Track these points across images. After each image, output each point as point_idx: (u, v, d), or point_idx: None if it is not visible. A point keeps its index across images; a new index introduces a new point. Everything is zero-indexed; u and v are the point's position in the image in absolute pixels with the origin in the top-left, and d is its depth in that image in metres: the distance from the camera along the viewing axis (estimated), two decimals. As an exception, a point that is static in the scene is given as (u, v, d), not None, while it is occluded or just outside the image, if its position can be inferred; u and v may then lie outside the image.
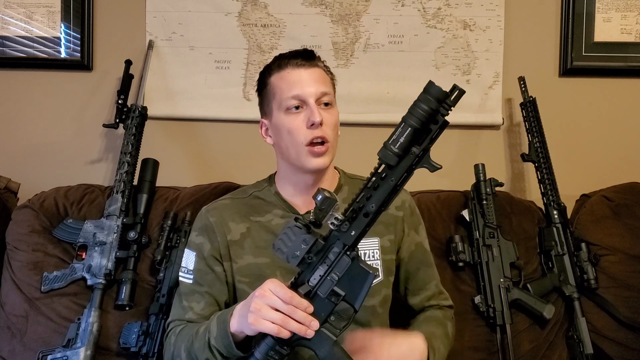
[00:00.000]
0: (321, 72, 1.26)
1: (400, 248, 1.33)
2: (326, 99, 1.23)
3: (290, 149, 1.23)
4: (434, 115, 0.95)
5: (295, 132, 1.21)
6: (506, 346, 1.54)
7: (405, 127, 0.95)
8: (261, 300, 1.01)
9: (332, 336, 1.04)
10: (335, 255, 1.02)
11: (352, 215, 1.01)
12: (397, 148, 0.95)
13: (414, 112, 0.95)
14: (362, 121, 1.89)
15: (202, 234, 1.31)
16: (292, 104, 1.22)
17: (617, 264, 1.62)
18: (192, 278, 1.29)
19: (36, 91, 1.92)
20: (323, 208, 1.00)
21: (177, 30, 1.90)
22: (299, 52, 1.26)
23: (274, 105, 1.25)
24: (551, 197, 1.69)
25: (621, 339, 1.59)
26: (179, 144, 1.92)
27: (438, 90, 0.94)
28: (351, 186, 1.34)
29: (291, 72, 1.23)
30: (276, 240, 1.03)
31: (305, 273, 1.04)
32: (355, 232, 1.01)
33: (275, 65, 1.26)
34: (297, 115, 1.22)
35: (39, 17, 1.90)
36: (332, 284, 1.02)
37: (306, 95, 1.21)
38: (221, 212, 1.32)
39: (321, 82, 1.24)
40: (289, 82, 1.23)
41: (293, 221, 1.03)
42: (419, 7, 1.89)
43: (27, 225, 1.60)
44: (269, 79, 1.27)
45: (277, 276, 1.24)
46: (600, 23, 1.90)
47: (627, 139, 1.92)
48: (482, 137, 1.93)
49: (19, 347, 1.51)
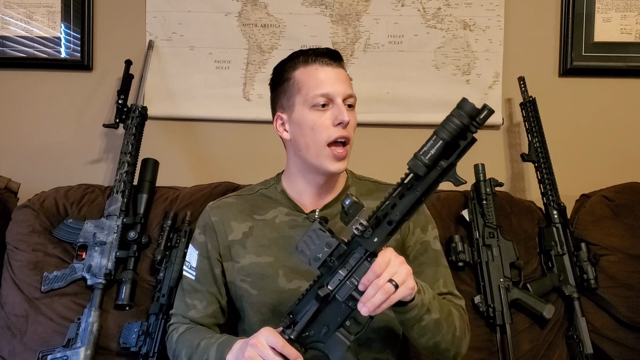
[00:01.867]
0: (346, 74, 1.26)
1: (405, 247, 1.31)
2: (351, 100, 1.24)
3: (310, 146, 1.22)
4: (464, 131, 0.97)
5: (319, 129, 1.20)
6: (506, 346, 1.54)
7: (437, 140, 0.96)
8: (254, 350, 1.04)
9: (347, 341, 1.05)
10: (356, 260, 1.03)
11: (376, 222, 1.02)
12: (428, 159, 0.96)
13: (446, 126, 0.96)
14: (362, 121, 1.85)
15: (204, 232, 1.33)
16: (319, 101, 1.21)
17: (617, 263, 1.61)
18: (194, 275, 1.32)
19: (36, 91, 1.92)
20: (350, 212, 1.01)
21: (177, 30, 1.90)
22: (325, 51, 1.25)
23: (298, 100, 1.23)
24: (551, 197, 1.69)
25: (621, 339, 1.59)
26: (179, 144, 1.92)
27: (472, 107, 0.96)
28: (359, 187, 1.34)
29: (319, 69, 1.23)
30: (299, 242, 1.04)
31: (325, 276, 1.05)
32: (377, 239, 1.02)
33: (300, 60, 1.25)
34: (324, 112, 1.21)
35: (39, 17, 1.90)
36: (350, 289, 1.03)
37: (335, 94, 1.21)
38: (224, 211, 1.32)
39: (347, 83, 1.25)
40: (317, 79, 1.22)
41: (317, 224, 1.04)
42: (419, 7, 1.89)
43: (27, 225, 1.60)
44: (292, 73, 1.25)
45: (279, 275, 1.24)
46: (600, 23, 1.90)
47: (627, 139, 1.92)
48: (482, 137, 1.89)
49: (19, 347, 1.51)
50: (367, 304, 1.00)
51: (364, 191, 1.32)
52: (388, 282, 0.99)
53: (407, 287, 1.02)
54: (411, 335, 1.15)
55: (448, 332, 1.17)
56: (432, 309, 1.12)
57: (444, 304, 1.19)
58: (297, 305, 1.08)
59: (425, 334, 1.13)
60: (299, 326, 1.06)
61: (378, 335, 1.26)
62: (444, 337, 1.16)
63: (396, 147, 1.87)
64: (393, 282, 0.99)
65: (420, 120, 1.87)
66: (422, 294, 1.10)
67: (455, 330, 1.19)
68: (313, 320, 1.06)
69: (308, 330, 1.06)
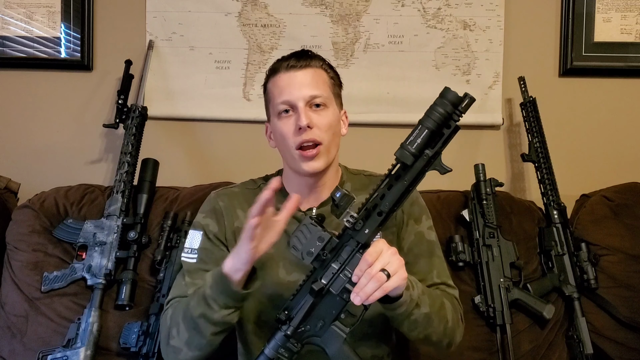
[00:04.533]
0: (315, 73, 1.24)
1: (401, 239, 1.31)
2: (318, 100, 1.22)
3: (285, 153, 1.25)
4: (448, 119, 1.00)
5: (287, 136, 1.22)
6: (506, 346, 1.54)
7: (422, 129, 1.00)
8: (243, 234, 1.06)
9: (342, 334, 1.06)
10: (348, 252, 1.04)
11: (366, 214, 1.04)
12: (415, 148, 1.00)
13: (431, 115, 1.00)
14: (362, 121, 1.89)
15: (210, 216, 1.31)
16: (282, 108, 1.22)
17: (617, 264, 1.62)
18: (196, 257, 1.28)
19: (36, 91, 1.92)
20: (341, 205, 1.03)
21: (177, 30, 1.90)
22: (293, 53, 1.26)
23: (271, 111, 1.27)
24: (551, 197, 1.69)
25: (621, 339, 1.59)
26: (179, 144, 1.92)
27: (454, 95, 0.99)
28: (354, 182, 1.34)
29: (282, 76, 1.23)
30: (291, 237, 1.05)
31: (318, 270, 1.06)
32: (368, 230, 1.03)
33: (270, 71, 1.27)
34: (288, 119, 1.22)
35: (39, 17, 1.90)
36: (344, 282, 1.04)
37: (294, 99, 1.21)
38: (230, 199, 1.33)
39: (313, 84, 1.22)
40: (279, 87, 1.23)
41: (308, 219, 1.05)
42: (419, 7, 1.89)
43: (27, 225, 1.60)
44: (267, 84, 1.28)
45: (279, 267, 1.25)
46: (600, 23, 1.90)
47: (627, 139, 1.92)
48: (482, 137, 1.93)
49: (19, 347, 1.51)
50: (360, 293, 1.01)
51: (359, 186, 1.33)
52: (380, 272, 1.00)
53: (399, 276, 1.03)
54: (402, 330, 1.16)
55: (439, 325, 1.17)
56: (422, 304, 1.12)
57: (435, 297, 1.19)
58: (291, 301, 1.09)
59: (415, 328, 1.14)
60: (295, 321, 1.07)
61: (375, 330, 1.26)
62: (435, 329, 1.17)
63: (396, 147, 1.86)
64: (385, 272, 1.00)
65: (420, 120, 1.87)
66: (411, 289, 1.10)
67: (447, 322, 1.19)
68: (308, 314, 1.07)
69: (304, 325, 1.07)
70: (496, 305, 1.56)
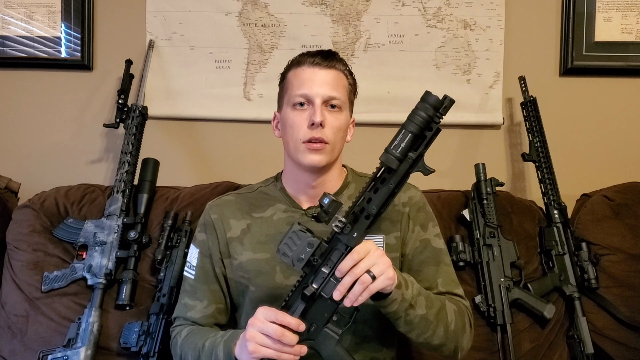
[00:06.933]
0: (337, 75, 1.26)
1: (405, 245, 1.30)
2: (335, 102, 1.24)
3: (290, 143, 1.25)
4: (430, 122, 1.03)
5: (296, 128, 1.23)
6: (507, 346, 1.54)
7: (405, 134, 1.03)
8: (253, 328, 1.05)
9: (335, 335, 1.07)
10: (337, 256, 1.05)
11: (354, 218, 1.06)
12: (399, 153, 1.03)
13: (413, 119, 1.03)
14: (363, 121, 1.88)
15: (204, 230, 1.34)
16: (298, 100, 1.23)
17: (617, 263, 1.61)
18: (194, 274, 1.32)
19: (36, 91, 1.92)
20: (329, 211, 1.04)
21: (177, 30, 1.90)
22: (320, 51, 1.28)
23: (285, 99, 1.28)
24: (552, 197, 1.69)
25: (622, 339, 1.59)
26: (179, 143, 1.92)
27: (435, 99, 1.03)
28: (359, 184, 1.34)
29: (306, 69, 1.25)
30: (280, 244, 1.06)
31: (308, 275, 1.07)
32: (357, 233, 1.05)
33: (295, 61, 1.28)
34: (302, 112, 1.23)
35: (39, 17, 1.90)
36: (334, 285, 1.05)
37: (313, 95, 1.22)
38: (222, 209, 1.33)
39: (333, 85, 1.24)
40: (301, 79, 1.24)
41: (297, 225, 1.06)
42: (419, 7, 1.89)
43: (27, 225, 1.60)
44: (287, 73, 1.30)
45: (276, 272, 1.25)
46: (601, 22, 1.90)
47: (628, 138, 1.92)
48: (483, 136, 1.93)
49: (20, 346, 1.51)
50: (349, 296, 1.03)
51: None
52: (365, 274, 1.02)
53: (386, 277, 1.04)
54: (400, 330, 1.16)
55: (439, 329, 1.16)
56: (417, 305, 1.12)
57: (435, 300, 1.18)
58: (284, 307, 1.09)
59: (412, 330, 1.14)
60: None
61: (375, 332, 1.26)
62: (435, 333, 1.16)
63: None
64: (370, 274, 1.02)
65: (421, 119, 1.87)
66: (404, 288, 1.10)
67: (449, 325, 1.18)
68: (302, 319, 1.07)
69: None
70: (497, 304, 1.56)
